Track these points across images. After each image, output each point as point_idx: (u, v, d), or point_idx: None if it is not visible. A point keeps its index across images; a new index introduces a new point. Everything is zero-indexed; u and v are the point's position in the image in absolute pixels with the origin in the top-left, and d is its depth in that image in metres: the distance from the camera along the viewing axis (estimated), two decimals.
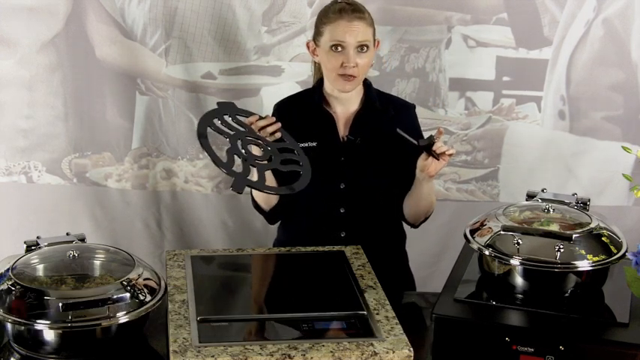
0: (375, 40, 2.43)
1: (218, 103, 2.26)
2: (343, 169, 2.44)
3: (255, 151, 2.18)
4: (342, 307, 1.98)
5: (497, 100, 3.15)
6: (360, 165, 2.43)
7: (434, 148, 2.26)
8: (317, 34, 2.43)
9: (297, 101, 2.53)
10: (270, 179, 2.39)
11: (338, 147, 2.45)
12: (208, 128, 2.14)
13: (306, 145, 2.44)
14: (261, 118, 2.26)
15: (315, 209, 2.48)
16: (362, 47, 2.36)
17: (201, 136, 2.10)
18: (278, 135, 2.26)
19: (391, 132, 2.45)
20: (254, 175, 2.12)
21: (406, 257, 2.64)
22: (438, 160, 2.28)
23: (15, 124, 3.11)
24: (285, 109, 2.52)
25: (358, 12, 2.37)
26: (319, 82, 2.50)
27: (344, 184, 2.44)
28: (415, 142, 2.28)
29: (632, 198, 3.17)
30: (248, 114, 2.28)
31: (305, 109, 2.49)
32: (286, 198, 2.54)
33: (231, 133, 2.15)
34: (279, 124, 2.27)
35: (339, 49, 2.36)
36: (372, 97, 2.49)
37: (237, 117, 2.24)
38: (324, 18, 2.41)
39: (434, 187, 2.45)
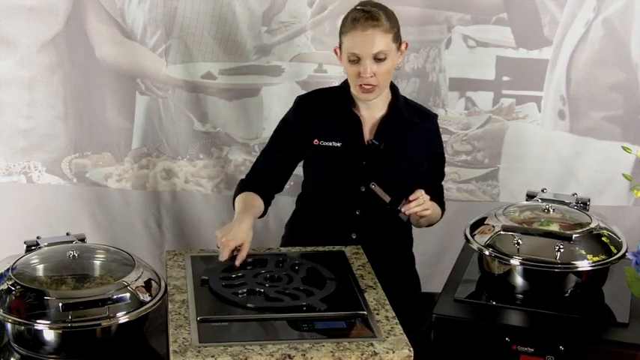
0: (399, 43, 2.38)
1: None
2: (365, 173, 2.43)
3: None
4: (342, 307, 1.98)
5: (497, 100, 3.15)
6: (382, 170, 2.43)
7: (403, 209, 2.28)
8: (340, 41, 2.40)
9: (324, 98, 2.50)
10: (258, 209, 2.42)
11: (362, 150, 2.44)
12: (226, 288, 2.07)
13: (330, 144, 2.44)
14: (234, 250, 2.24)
15: (332, 210, 2.48)
16: (379, 56, 2.32)
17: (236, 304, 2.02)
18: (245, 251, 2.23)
19: (415, 139, 2.45)
20: None
21: (413, 259, 2.64)
22: (404, 220, 2.31)
23: (15, 124, 3.11)
24: (308, 103, 2.49)
25: (372, 20, 2.31)
26: (347, 83, 2.47)
27: (364, 188, 2.43)
28: (386, 201, 2.30)
29: (632, 198, 3.17)
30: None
31: (332, 108, 2.46)
32: (303, 199, 2.56)
33: (247, 285, 2.09)
34: (245, 248, 2.23)
35: (356, 59, 2.34)
36: (399, 103, 2.47)
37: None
38: (342, 27, 2.37)
39: (431, 215, 2.41)
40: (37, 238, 2.09)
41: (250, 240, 2.25)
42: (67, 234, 2.13)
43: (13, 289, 1.87)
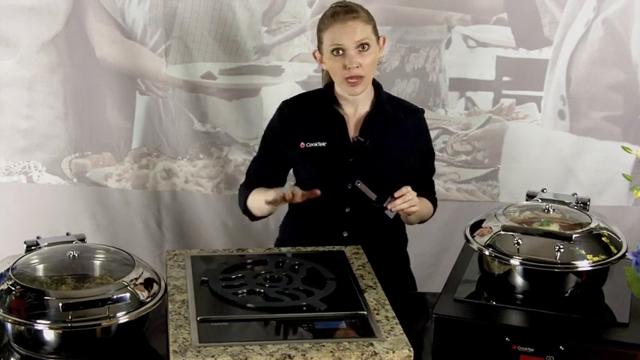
0: (378, 37, 2.42)
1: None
2: (351, 170, 2.44)
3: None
4: (342, 307, 1.98)
5: (497, 100, 3.15)
6: (368, 167, 2.44)
7: (389, 206, 2.28)
8: (319, 42, 2.43)
9: (307, 100, 2.52)
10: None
11: (347, 148, 2.45)
12: (227, 289, 2.06)
13: (316, 145, 2.45)
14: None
15: (321, 209, 2.48)
16: (362, 46, 2.35)
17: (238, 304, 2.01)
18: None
19: (400, 135, 2.46)
20: None
21: (407, 259, 2.64)
22: (391, 217, 2.32)
23: (15, 124, 3.11)
24: (294, 106, 2.52)
25: (351, 12, 2.36)
26: (330, 84, 2.49)
27: (351, 185, 2.44)
28: (372, 199, 2.31)
29: (632, 198, 3.17)
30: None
31: (316, 109, 2.48)
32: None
33: (246, 286, 2.08)
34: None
35: (340, 52, 2.36)
36: (383, 99, 2.48)
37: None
38: (321, 25, 2.41)
39: (420, 210, 2.41)
40: (37, 238, 2.09)
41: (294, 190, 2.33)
42: (67, 234, 2.12)
43: (13, 289, 1.87)
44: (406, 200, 2.28)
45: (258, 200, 2.42)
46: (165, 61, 3.08)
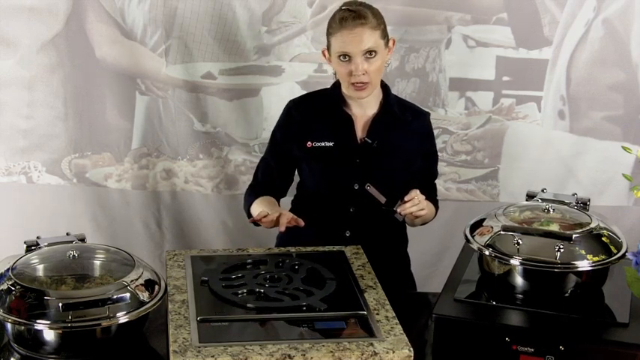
0: (387, 39, 2.40)
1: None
2: (358, 171, 2.44)
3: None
4: (342, 307, 1.98)
5: (497, 100, 3.15)
6: (375, 168, 2.44)
7: (399, 210, 2.30)
8: (327, 43, 2.42)
9: (315, 100, 2.52)
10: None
11: (354, 148, 2.45)
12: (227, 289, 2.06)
13: (323, 144, 2.45)
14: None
15: (326, 208, 2.49)
16: (369, 53, 2.35)
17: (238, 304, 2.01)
18: None
19: (407, 137, 2.46)
20: None
21: (408, 260, 2.64)
22: (400, 220, 2.34)
23: (15, 124, 3.11)
24: (301, 105, 2.52)
25: (359, 19, 2.33)
26: (338, 83, 2.49)
27: (357, 185, 2.44)
28: (382, 202, 2.32)
29: (632, 198, 3.17)
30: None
31: (323, 108, 2.49)
32: (300, 198, 2.56)
33: (246, 285, 2.08)
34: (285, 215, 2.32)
35: (346, 58, 2.36)
36: (391, 101, 2.49)
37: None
38: (329, 28, 2.40)
39: (425, 215, 2.42)
40: (37, 238, 2.09)
41: (284, 211, 2.35)
42: (67, 234, 2.13)
43: (13, 289, 1.87)
44: (415, 204, 2.30)
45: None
46: (165, 61, 3.08)
